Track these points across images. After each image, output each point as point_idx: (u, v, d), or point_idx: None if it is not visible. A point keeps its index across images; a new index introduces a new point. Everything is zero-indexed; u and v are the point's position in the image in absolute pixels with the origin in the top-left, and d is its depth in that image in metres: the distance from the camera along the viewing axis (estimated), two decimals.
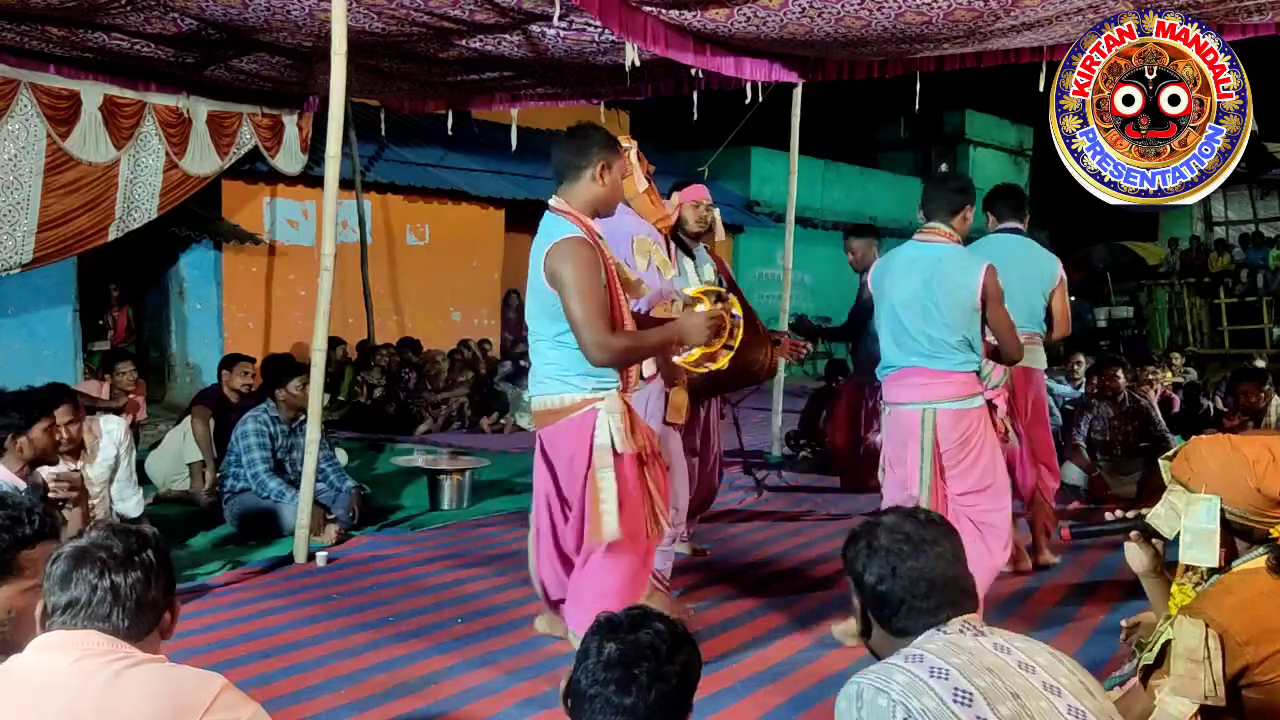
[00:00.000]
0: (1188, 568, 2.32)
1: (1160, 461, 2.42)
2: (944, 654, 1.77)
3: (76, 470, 4.67)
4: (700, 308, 3.49)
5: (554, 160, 3.41)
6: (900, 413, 4.11)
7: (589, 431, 3.30)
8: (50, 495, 3.97)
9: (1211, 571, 2.27)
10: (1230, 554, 2.28)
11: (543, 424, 3.44)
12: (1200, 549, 2.26)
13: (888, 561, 1.88)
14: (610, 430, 3.28)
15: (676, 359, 3.65)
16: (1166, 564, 2.47)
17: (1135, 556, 2.47)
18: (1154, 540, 2.43)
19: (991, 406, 4.15)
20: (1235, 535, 2.25)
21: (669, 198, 4.77)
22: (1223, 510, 2.23)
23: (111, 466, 5.06)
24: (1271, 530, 2.20)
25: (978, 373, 4.09)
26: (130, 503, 5.17)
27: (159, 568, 1.89)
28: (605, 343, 3.18)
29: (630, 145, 4.32)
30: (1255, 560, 2.21)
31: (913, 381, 4.06)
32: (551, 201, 3.41)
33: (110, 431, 5.06)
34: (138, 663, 1.78)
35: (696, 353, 3.57)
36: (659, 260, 4.22)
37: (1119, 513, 2.51)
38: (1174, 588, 2.34)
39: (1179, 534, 2.29)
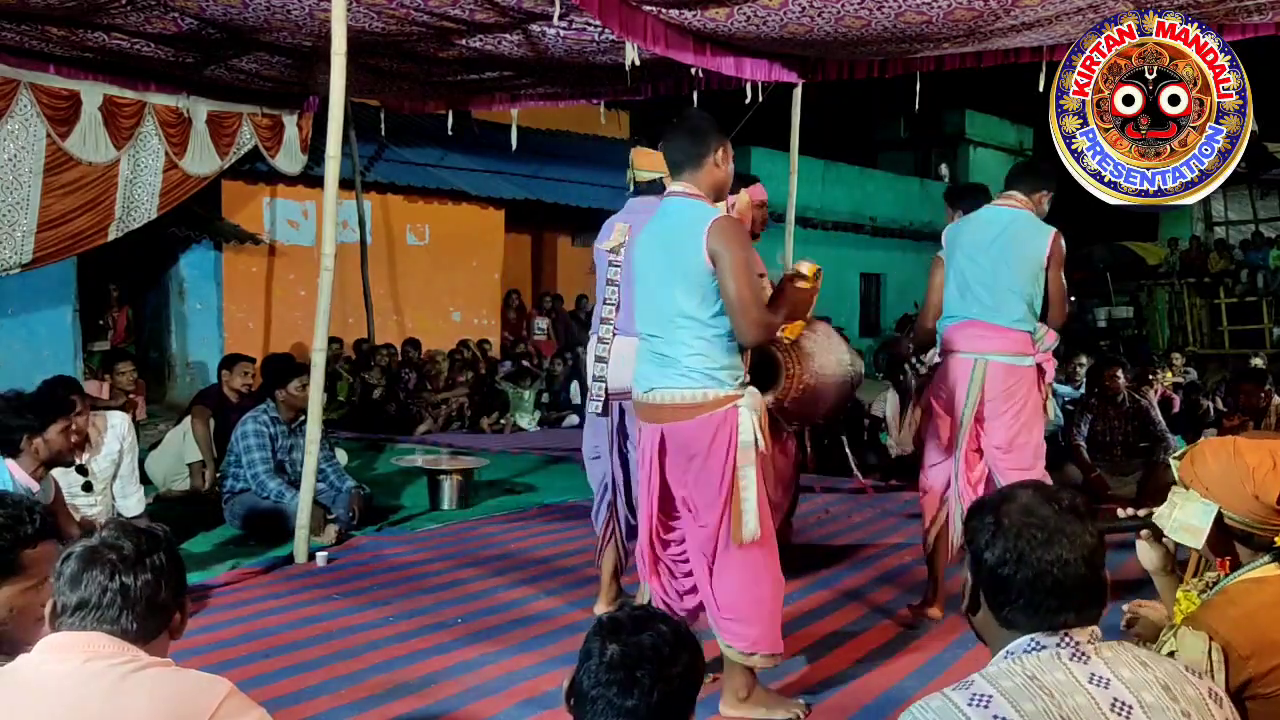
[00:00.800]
0: (1194, 572, 2.32)
1: (1170, 461, 2.42)
2: (1017, 697, 1.55)
3: (82, 464, 4.73)
4: (800, 283, 3.41)
5: (672, 152, 3.33)
6: (954, 359, 4.29)
7: (730, 429, 3.17)
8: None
9: (1216, 579, 2.27)
10: (1234, 563, 2.27)
11: (670, 418, 3.21)
12: (1186, 535, 2.26)
13: (1016, 545, 1.66)
14: (754, 428, 3.19)
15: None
16: (1177, 561, 2.47)
17: (1146, 554, 2.47)
18: (1164, 539, 2.43)
19: (1040, 370, 4.30)
20: (1236, 540, 2.25)
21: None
22: (1224, 515, 2.23)
23: (115, 461, 5.09)
24: (1276, 539, 2.19)
25: (1031, 335, 4.26)
26: (131, 500, 5.19)
27: (170, 569, 1.88)
28: (765, 320, 3.16)
29: None
30: (1259, 569, 2.20)
31: (970, 332, 4.26)
32: (678, 187, 3.31)
33: (115, 426, 5.12)
34: (143, 667, 1.77)
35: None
36: None
37: (1130, 510, 2.49)
38: (1179, 593, 2.33)
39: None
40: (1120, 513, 2.50)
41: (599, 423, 4.21)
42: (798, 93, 8.29)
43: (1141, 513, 2.46)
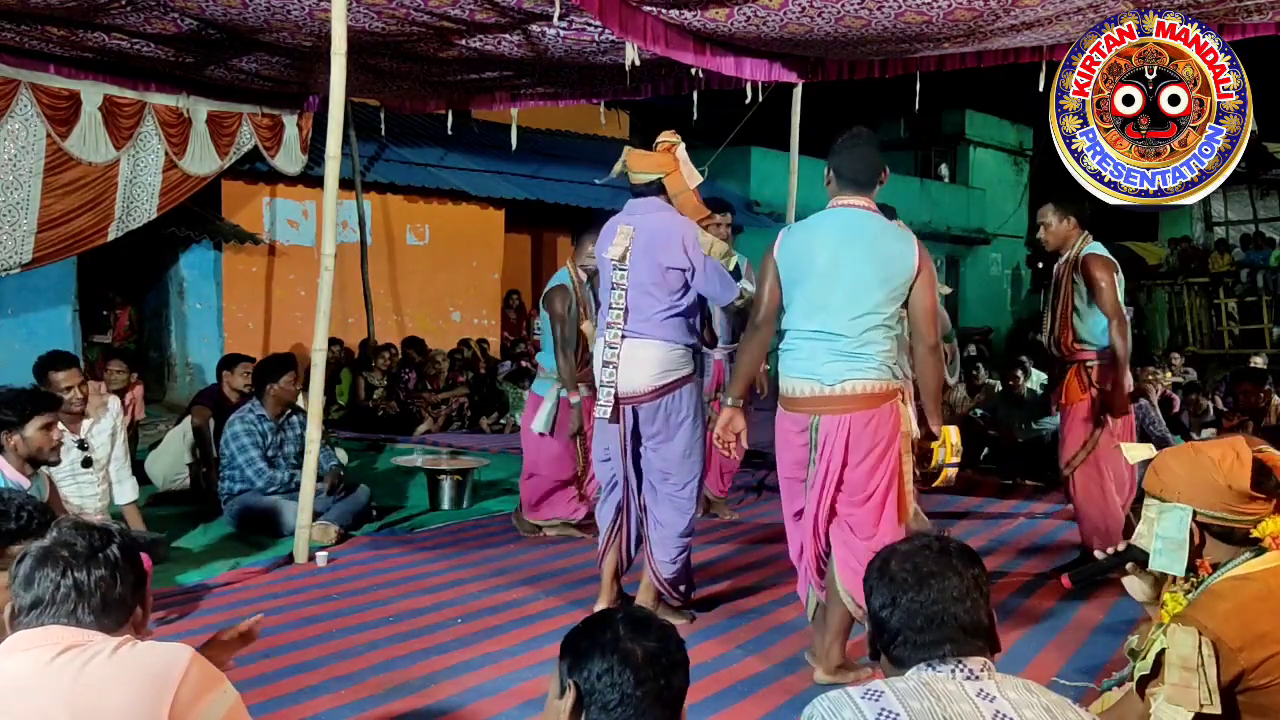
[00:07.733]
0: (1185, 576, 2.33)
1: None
2: (906, 696, 1.69)
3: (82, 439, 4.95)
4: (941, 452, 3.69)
5: (850, 169, 3.75)
6: None
7: (898, 418, 3.54)
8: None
9: (1200, 580, 2.27)
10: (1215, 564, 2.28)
11: (862, 406, 3.50)
12: (1168, 557, 2.26)
13: (890, 591, 1.85)
14: (911, 418, 3.60)
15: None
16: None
17: (1136, 588, 2.47)
18: (1149, 569, 2.44)
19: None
20: (1216, 539, 2.25)
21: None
22: (1200, 515, 2.24)
23: (111, 438, 5.20)
24: (1253, 530, 2.20)
25: None
26: (126, 485, 5.25)
27: (125, 565, 1.86)
28: (938, 328, 3.64)
29: (676, 140, 4.27)
30: (1243, 565, 2.21)
31: None
32: (858, 201, 3.70)
33: (110, 405, 5.29)
34: (101, 650, 1.76)
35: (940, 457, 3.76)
36: (719, 252, 4.18)
37: (1109, 549, 2.51)
38: (1166, 595, 2.33)
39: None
40: (1098, 554, 2.53)
41: (609, 426, 4.15)
42: (798, 93, 8.29)
43: (1121, 547, 2.48)
